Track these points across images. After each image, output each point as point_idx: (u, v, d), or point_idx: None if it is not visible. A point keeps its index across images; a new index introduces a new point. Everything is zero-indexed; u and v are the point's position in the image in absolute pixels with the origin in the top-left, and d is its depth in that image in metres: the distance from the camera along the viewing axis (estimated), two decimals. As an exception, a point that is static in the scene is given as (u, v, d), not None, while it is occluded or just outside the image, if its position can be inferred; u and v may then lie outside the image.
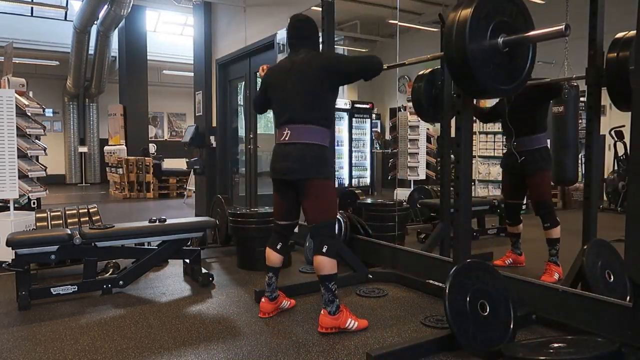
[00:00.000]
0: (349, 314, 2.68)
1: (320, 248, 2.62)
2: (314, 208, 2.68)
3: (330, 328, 2.62)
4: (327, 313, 2.61)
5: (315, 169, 2.64)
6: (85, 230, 3.32)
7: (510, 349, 2.20)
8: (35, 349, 2.49)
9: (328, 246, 2.62)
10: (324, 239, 2.64)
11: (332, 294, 2.61)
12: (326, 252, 2.61)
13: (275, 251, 2.88)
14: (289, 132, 2.68)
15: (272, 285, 2.89)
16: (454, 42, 2.15)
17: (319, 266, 2.62)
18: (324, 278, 2.61)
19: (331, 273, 2.62)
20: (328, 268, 2.61)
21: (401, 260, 3.76)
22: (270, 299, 2.91)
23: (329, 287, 2.61)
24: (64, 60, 12.29)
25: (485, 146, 7.06)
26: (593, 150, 2.97)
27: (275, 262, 2.88)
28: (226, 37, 6.81)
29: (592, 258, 2.77)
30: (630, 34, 2.68)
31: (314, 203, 2.67)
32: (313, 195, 2.65)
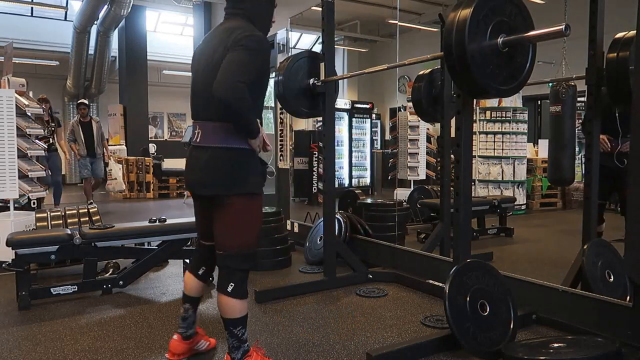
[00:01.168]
0: (261, 359, 2.14)
1: (225, 286, 2.03)
2: (224, 231, 2.05)
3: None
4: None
5: (235, 184, 2.02)
6: (85, 230, 3.32)
7: (510, 348, 2.20)
8: (35, 349, 2.49)
9: (235, 284, 2.03)
10: (230, 274, 2.04)
11: (238, 340, 2.07)
12: (232, 292, 2.02)
13: (196, 277, 2.29)
14: (199, 132, 2.07)
15: (189, 320, 2.27)
16: (454, 42, 2.16)
17: (222, 309, 2.05)
18: (229, 323, 2.06)
19: (237, 317, 2.05)
20: (233, 311, 2.04)
21: (401, 260, 3.76)
22: (184, 337, 2.29)
23: (234, 332, 2.05)
24: (64, 60, 12.29)
25: (485, 146, 7.05)
26: (593, 150, 2.97)
27: (194, 291, 2.29)
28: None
29: (592, 258, 2.77)
30: (630, 34, 2.68)
31: (225, 223, 2.04)
32: (225, 212, 2.03)
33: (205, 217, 2.18)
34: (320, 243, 4.11)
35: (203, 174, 2.05)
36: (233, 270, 2.05)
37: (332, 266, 3.52)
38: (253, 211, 2.09)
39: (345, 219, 4.17)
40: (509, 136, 6.96)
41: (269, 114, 6.51)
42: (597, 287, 2.69)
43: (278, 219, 4.26)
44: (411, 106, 5.63)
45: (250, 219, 2.07)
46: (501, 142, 6.98)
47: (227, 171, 2.01)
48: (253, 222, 2.10)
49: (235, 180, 2.02)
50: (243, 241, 2.06)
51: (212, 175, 2.03)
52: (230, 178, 2.01)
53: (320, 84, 3.43)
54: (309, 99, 3.49)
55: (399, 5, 4.49)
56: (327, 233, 3.56)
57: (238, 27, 2.02)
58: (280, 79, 3.43)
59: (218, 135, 2.02)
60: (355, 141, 8.92)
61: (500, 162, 6.95)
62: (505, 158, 6.93)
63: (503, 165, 6.93)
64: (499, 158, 6.95)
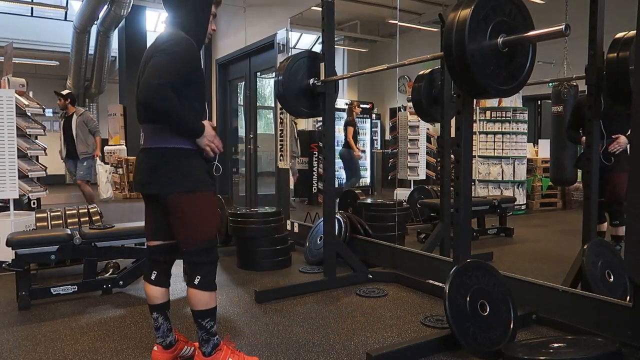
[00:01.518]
0: (232, 353, 2.18)
1: (192, 279, 2.08)
2: (180, 230, 2.09)
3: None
4: (202, 354, 2.12)
5: (175, 182, 2.04)
6: (85, 230, 3.33)
7: (510, 348, 2.20)
8: (35, 349, 2.49)
9: (201, 277, 2.08)
10: (196, 268, 2.10)
11: (207, 332, 2.10)
12: (198, 284, 2.07)
13: (152, 283, 2.23)
14: (142, 135, 2.15)
15: (162, 328, 2.22)
16: (454, 43, 2.16)
17: (191, 301, 2.10)
18: (197, 314, 2.10)
19: (205, 309, 2.09)
20: (201, 303, 2.08)
21: (401, 260, 3.76)
22: (164, 346, 2.24)
23: (203, 324, 2.09)
24: (64, 60, 12.29)
25: (485, 146, 7.05)
26: (593, 150, 2.97)
27: (156, 298, 2.22)
28: (226, 37, 6.82)
29: (592, 258, 2.77)
30: (630, 34, 2.68)
31: (179, 223, 2.08)
32: (177, 213, 2.06)
33: (151, 217, 2.22)
34: (320, 243, 4.11)
35: (146, 174, 2.10)
36: (197, 263, 2.10)
37: (332, 266, 3.52)
38: (201, 207, 2.09)
39: (345, 219, 4.17)
40: (509, 136, 6.95)
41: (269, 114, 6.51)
42: (597, 287, 2.69)
43: (278, 219, 4.26)
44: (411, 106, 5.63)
45: (200, 214, 2.08)
46: (501, 142, 6.98)
47: (168, 170, 2.04)
48: (204, 217, 2.10)
49: (176, 179, 2.04)
50: (198, 236, 2.08)
51: (154, 175, 2.07)
52: (171, 177, 2.04)
53: (320, 84, 3.43)
54: (309, 99, 3.49)
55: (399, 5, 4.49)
56: (327, 233, 3.56)
57: (165, 35, 2.09)
58: (280, 79, 3.43)
59: (158, 137, 2.06)
60: (355, 141, 8.91)
61: (500, 162, 6.95)
62: (505, 158, 6.93)
63: (503, 165, 6.92)
64: (499, 158, 6.95)
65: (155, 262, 2.26)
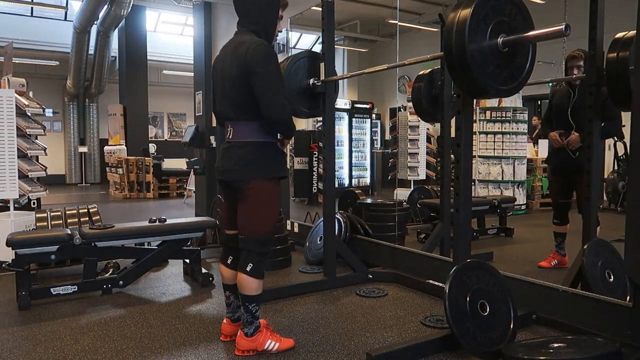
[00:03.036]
0: (271, 335, 2.43)
1: (245, 265, 2.32)
2: (245, 215, 2.34)
3: (247, 351, 2.38)
4: (244, 335, 2.37)
5: (253, 169, 2.31)
6: (85, 230, 3.32)
7: (510, 348, 2.20)
8: (35, 349, 2.49)
9: (253, 264, 2.31)
10: (250, 255, 2.33)
11: (252, 315, 2.35)
12: (250, 271, 2.31)
13: (227, 266, 2.51)
14: (231, 130, 2.39)
15: (232, 305, 2.53)
16: (454, 43, 2.16)
17: (240, 285, 2.34)
18: (245, 298, 2.34)
19: (253, 294, 2.33)
20: (250, 288, 2.32)
21: (401, 260, 3.76)
22: (232, 319, 2.55)
23: (249, 308, 2.34)
24: (64, 60, 12.29)
25: (485, 146, 7.06)
26: (593, 150, 2.97)
27: (229, 279, 2.50)
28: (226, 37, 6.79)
29: (592, 258, 2.77)
30: (630, 34, 2.68)
31: (246, 209, 2.33)
32: (247, 199, 2.32)
33: (230, 208, 2.46)
34: (320, 243, 4.11)
35: (232, 164, 2.34)
36: (252, 252, 2.33)
37: (332, 266, 3.52)
38: (272, 197, 2.37)
39: (345, 219, 4.17)
40: (509, 136, 6.96)
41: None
42: (597, 287, 2.69)
43: (278, 219, 4.25)
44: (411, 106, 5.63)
45: (268, 205, 2.36)
46: (501, 142, 6.98)
47: (252, 160, 2.31)
48: (271, 209, 2.39)
49: (259, 167, 2.31)
50: (260, 227, 2.34)
51: (238, 164, 2.32)
52: (254, 165, 2.31)
53: (320, 84, 3.43)
54: (308, 99, 3.48)
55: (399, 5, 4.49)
56: (327, 233, 3.55)
57: (244, 42, 2.31)
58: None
59: (242, 133, 2.34)
60: (355, 141, 8.92)
61: (500, 162, 6.95)
62: (505, 158, 6.93)
63: (503, 165, 6.93)
64: (499, 158, 6.95)
65: (231, 249, 2.50)
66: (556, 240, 3.86)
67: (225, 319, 2.58)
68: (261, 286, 2.37)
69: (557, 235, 3.86)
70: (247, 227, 2.34)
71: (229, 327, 2.56)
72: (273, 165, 2.37)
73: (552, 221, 3.89)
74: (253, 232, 2.33)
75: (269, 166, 2.35)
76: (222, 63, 2.42)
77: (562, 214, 3.83)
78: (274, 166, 2.37)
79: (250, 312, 2.35)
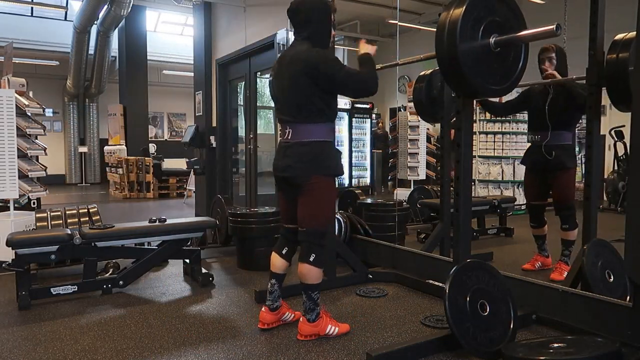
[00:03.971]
0: (330, 320, 2.60)
1: (308, 256, 2.49)
2: (306, 209, 2.52)
3: (310, 335, 2.54)
4: (307, 320, 2.55)
5: (314, 167, 2.49)
6: (85, 230, 3.32)
7: (510, 348, 2.20)
8: (35, 349, 2.49)
9: (316, 255, 2.49)
10: (312, 247, 2.50)
11: (314, 302, 2.53)
12: (313, 261, 2.48)
13: (281, 256, 2.68)
14: (290, 131, 2.55)
15: (275, 294, 2.68)
16: (446, 43, 2.16)
17: (303, 274, 2.50)
18: (307, 287, 2.52)
19: (315, 283, 2.51)
20: (313, 278, 2.50)
21: (401, 260, 3.76)
22: (271, 308, 2.69)
23: (311, 295, 2.52)
24: (64, 60, 12.29)
25: (485, 146, 7.06)
26: (593, 150, 2.97)
27: (279, 268, 2.67)
28: (226, 37, 6.81)
29: (592, 258, 2.77)
30: (630, 35, 2.68)
31: (307, 203, 2.51)
32: (308, 194, 2.50)
33: (288, 203, 2.63)
34: (320, 243, 4.10)
35: (293, 161, 2.50)
36: (313, 244, 2.50)
37: (332, 266, 3.52)
38: (330, 192, 2.57)
39: (345, 219, 4.17)
40: (509, 136, 6.96)
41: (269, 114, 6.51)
42: (597, 287, 2.69)
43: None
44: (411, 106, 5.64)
45: (327, 199, 2.56)
46: (501, 142, 6.98)
47: (310, 158, 2.47)
48: (329, 204, 2.60)
49: (317, 164, 2.48)
50: (320, 221, 2.52)
51: (300, 161, 2.48)
52: (313, 163, 2.47)
53: None
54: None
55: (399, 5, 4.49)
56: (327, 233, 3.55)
57: (302, 51, 2.49)
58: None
59: (302, 134, 2.50)
60: (355, 141, 8.92)
61: (500, 162, 6.95)
62: (505, 158, 6.93)
63: (503, 165, 6.93)
64: (499, 158, 6.96)
65: (289, 241, 2.69)
66: (537, 242, 3.83)
67: (264, 307, 2.69)
68: (322, 275, 2.56)
69: (536, 237, 3.83)
70: (307, 221, 2.50)
71: (268, 316, 2.69)
72: (331, 163, 2.54)
73: (530, 224, 3.83)
74: (313, 225, 2.49)
75: (328, 164, 2.52)
76: (280, 68, 2.59)
77: (537, 217, 3.78)
78: (332, 164, 2.55)
79: (312, 300, 2.52)
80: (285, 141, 2.57)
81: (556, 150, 3.51)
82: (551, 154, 3.51)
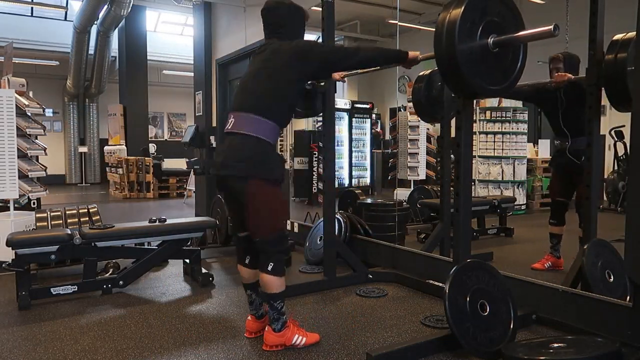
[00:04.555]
0: (297, 330, 2.50)
1: (266, 266, 2.38)
2: (254, 221, 2.38)
3: (275, 346, 2.45)
4: (272, 330, 2.45)
5: (254, 168, 2.33)
6: (85, 230, 3.32)
7: (510, 348, 2.20)
8: (35, 349, 2.49)
9: (274, 263, 2.38)
10: (269, 256, 2.39)
11: (278, 312, 2.43)
12: (271, 270, 2.38)
13: (245, 266, 2.57)
14: (232, 121, 2.41)
15: (255, 303, 2.62)
16: (444, 43, 2.16)
17: (264, 284, 2.41)
18: (269, 297, 2.42)
19: (277, 292, 2.41)
20: (274, 286, 2.40)
21: (401, 260, 3.76)
22: (257, 317, 2.64)
23: (274, 305, 2.42)
24: (64, 60, 12.29)
25: (485, 146, 7.06)
26: (593, 150, 2.97)
27: (249, 278, 2.58)
28: (226, 37, 6.81)
29: (592, 258, 2.77)
30: (629, 35, 2.68)
31: (254, 215, 2.36)
32: (252, 200, 2.33)
33: (234, 211, 2.56)
34: (320, 243, 4.11)
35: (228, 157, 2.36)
36: (270, 252, 2.39)
37: (332, 266, 3.52)
38: (275, 197, 2.39)
39: (345, 219, 4.17)
40: (509, 136, 6.96)
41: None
42: (597, 287, 2.69)
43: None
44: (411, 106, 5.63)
45: (273, 205, 2.39)
46: (501, 142, 6.98)
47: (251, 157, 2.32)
48: (277, 209, 2.42)
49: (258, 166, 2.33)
50: (271, 227, 2.39)
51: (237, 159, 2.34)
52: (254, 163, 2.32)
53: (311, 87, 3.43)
54: (304, 99, 3.47)
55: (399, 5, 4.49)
56: (327, 233, 3.55)
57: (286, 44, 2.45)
58: None
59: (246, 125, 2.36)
60: (355, 141, 8.92)
61: (500, 162, 6.95)
62: (505, 158, 6.93)
63: (503, 165, 6.93)
64: (499, 158, 6.95)
65: (246, 249, 2.55)
66: (551, 241, 3.80)
67: (250, 316, 2.66)
68: (284, 283, 2.45)
69: (552, 236, 3.80)
70: (258, 231, 2.39)
71: (254, 324, 2.64)
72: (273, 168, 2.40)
73: (549, 221, 3.83)
74: (266, 234, 2.38)
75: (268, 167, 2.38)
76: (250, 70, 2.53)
77: (559, 214, 3.77)
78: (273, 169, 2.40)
79: (276, 309, 2.43)
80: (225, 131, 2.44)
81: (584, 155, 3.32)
82: (580, 158, 3.39)
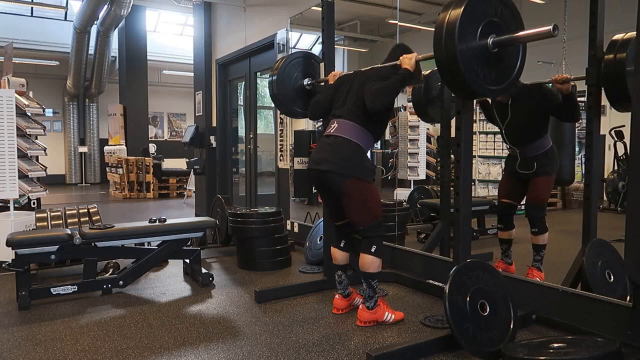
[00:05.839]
0: (386, 308, 2.79)
1: (369, 247, 2.71)
2: (355, 213, 2.71)
3: (369, 322, 2.74)
4: (366, 308, 2.74)
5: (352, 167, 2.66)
6: (85, 230, 3.32)
7: (510, 349, 2.20)
8: (35, 349, 2.49)
9: (377, 246, 2.71)
10: (371, 240, 2.72)
11: (373, 290, 2.73)
12: (375, 251, 2.70)
13: (339, 249, 2.94)
14: (335, 126, 2.74)
15: (343, 283, 2.96)
16: (444, 43, 2.16)
17: (365, 264, 2.72)
18: (368, 275, 2.72)
19: (375, 272, 2.72)
20: (373, 266, 2.71)
21: (401, 260, 3.76)
22: (344, 295, 2.97)
23: (371, 284, 2.73)
24: (64, 60, 12.29)
25: (485, 146, 7.05)
26: (593, 150, 2.97)
27: (340, 260, 2.94)
28: (226, 37, 6.82)
29: (592, 258, 2.77)
30: (628, 35, 2.68)
31: (354, 209, 2.70)
32: (351, 200, 2.68)
33: (331, 206, 2.89)
34: (320, 243, 4.11)
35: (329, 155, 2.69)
36: (372, 237, 2.72)
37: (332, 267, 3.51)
38: (371, 191, 2.72)
39: (345, 219, 4.16)
40: (509, 136, 6.95)
41: (269, 114, 6.51)
42: (597, 287, 2.69)
43: (278, 219, 4.26)
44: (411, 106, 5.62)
45: (371, 198, 2.71)
46: (501, 142, 6.97)
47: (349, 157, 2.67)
48: (374, 200, 2.73)
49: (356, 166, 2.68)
50: (371, 217, 2.71)
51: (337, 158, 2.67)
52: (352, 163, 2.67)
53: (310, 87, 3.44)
54: (303, 99, 3.47)
55: (399, 5, 4.48)
56: (327, 233, 3.55)
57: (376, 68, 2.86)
58: (274, 79, 3.42)
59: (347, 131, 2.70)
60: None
61: (501, 162, 6.94)
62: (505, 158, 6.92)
63: (503, 165, 6.92)
64: (499, 158, 6.95)
65: (342, 235, 2.95)
66: (501, 247, 3.58)
67: (338, 295, 2.99)
68: (381, 264, 2.75)
69: (502, 241, 3.58)
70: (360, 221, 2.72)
71: (342, 302, 2.97)
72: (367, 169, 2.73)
73: (497, 226, 3.64)
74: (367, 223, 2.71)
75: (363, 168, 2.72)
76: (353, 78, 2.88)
77: (506, 218, 3.56)
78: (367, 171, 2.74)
79: (372, 288, 2.73)
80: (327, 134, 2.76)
81: (537, 162, 3.33)
82: (533, 166, 3.33)
